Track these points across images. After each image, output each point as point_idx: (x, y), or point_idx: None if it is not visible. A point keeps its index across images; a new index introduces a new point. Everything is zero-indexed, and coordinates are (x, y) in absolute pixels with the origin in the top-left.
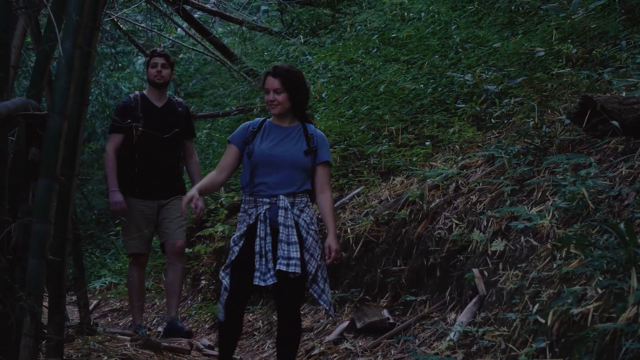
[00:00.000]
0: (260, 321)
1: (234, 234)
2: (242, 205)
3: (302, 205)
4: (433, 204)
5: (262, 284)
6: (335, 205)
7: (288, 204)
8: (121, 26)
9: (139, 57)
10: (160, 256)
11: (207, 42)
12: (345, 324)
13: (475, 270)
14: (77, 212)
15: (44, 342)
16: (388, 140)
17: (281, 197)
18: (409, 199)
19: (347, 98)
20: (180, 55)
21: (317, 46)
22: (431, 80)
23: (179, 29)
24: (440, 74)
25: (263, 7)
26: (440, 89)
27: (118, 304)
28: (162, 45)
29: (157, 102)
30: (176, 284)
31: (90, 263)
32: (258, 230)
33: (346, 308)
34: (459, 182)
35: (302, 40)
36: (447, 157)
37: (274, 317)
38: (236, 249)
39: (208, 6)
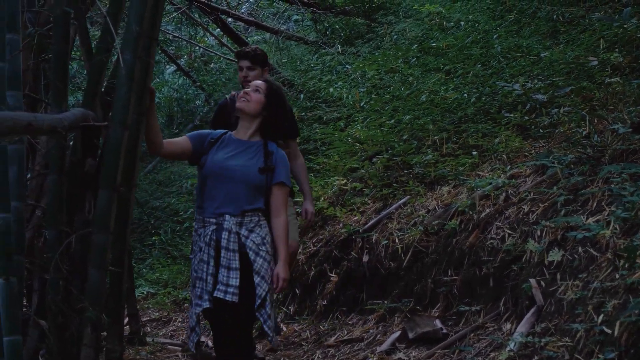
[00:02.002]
0: (307, 331)
1: (192, 258)
2: (194, 224)
3: (252, 225)
4: (484, 214)
5: (198, 310)
6: (380, 215)
7: (233, 225)
8: None
9: (169, 66)
10: None
11: None
12: (397, 334)
13: (532, 281)
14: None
15: (103, 353)
16: (432, 150)
17: (227, 217)
18: (459, 208)
19: (388, 108)
20: (212, 65)
21: (354, 56)
22: (474, 90)
23: (210, 38)
24: (483, 83)
25: (295, 17)
26: (483, 98)
27: (157, 314)
28: (249, 47)
29: None
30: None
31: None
32: (202, 253)
33: (396, 318)
34: (509, 191)
35: (339, 50)
36: (494, 167)
37: (321, 326)
38: (197, 281)
39: (241, 15)
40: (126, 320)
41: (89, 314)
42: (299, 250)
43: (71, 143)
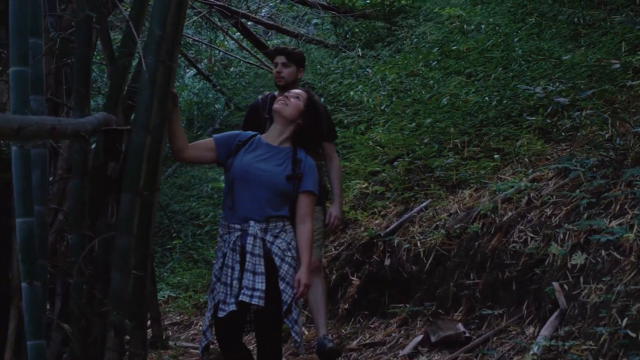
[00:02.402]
0: (329, 335)
1: (214, 264)
2: (219, 229)
3: (277, 231)
4: (506, 217)
5: (222, 314)
6: (402, 218)
7: (258, 231)
8: None
9: (189, 70)
10: None
11: (262, 55)
12: (419, 337)
13: (555, 284)
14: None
15: (126, 357)
16: (453, 153)
17: (251, 223)
18: (481, 212)
19: (409, 111)
20: (232, 69)
21: (374, 59)
22: (495, 93)
23: (229, 42)
24: (504, 87)
25: (315, 20)
26: (505, 101)
27: (178, 317)
28: (291, 44)
29: None
30: (319, 301)
31: None
32: (227, 259)
33: (418, 322)
34: (531, 195)
35: (360, 53)
36: (516, 170)
37: (343, 330)
38: (218, 285)
39: (261, 18)
40: (148, 324)
41: (112, 318)
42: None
43: (93, 147)
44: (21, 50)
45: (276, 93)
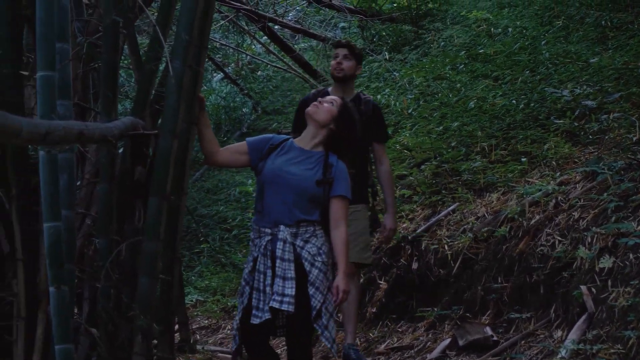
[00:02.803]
0: (357, 339)
1: (244, 268)
2: (250, 233)
3: (308, 236)
4: (533, 221)
5: (257, 321)
6: (429, 222)
7: (288, 235)
8: None
9: (217, 74)
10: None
11: (288, 59)
12: (447, 341)
13: (583, 287)
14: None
15: None
16: (480, 156)
17: (282, 227)
18: (508, 215)
19: (436, 114)
20: (259, 72)
21: (401, 63)
22: (522, 96)
23: (257, 46)
24: (532, 90)
25: (342, 24)
26: (532, 104)
27: (206, 321)
28: (339, 43)
29: None
30: (350, 307)
31: None
32: (258, 264)
33: (446, 325)
34: (559, 198)
35: (387, 57)
36: (544, 173)
37: (371, 333)
38: (247, 289)
39: (288, 22)
40: (176, 328)
41: (140, 322)
42: None
43: (121, 151)
44: (48, 55)
45: (330, 89)
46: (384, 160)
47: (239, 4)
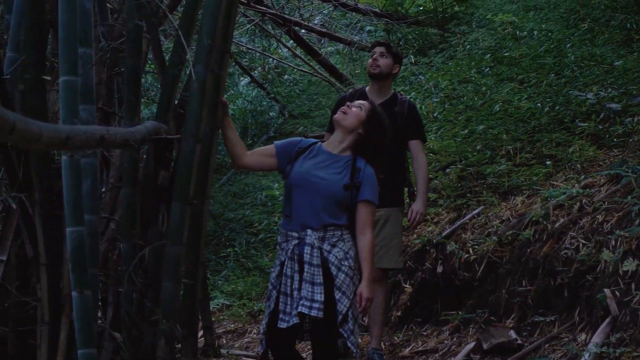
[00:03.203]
0: (382, 342)
1: (272, 272)
2: (278, 237)
3: (335, 240)
4: (558, 224)
5: (284, 325)
6: (454, 225)
7: (315, 240)
8: None
9: (243, 78)
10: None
11: (314, 62)
12: (471, 345)
13: (607, 291)
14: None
15: None
16: (505, 159)
17: (309, 231)
18: (533, 218)
19: (462, 118)
20: (285, 76)
21: (427, 66)
22: (547, 99)
23: (283, 50)
24: (557, 93)
25: (368, 28)
26: (557, 107)
27: (232, 325)
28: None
29: (375, 98)
30: (377, 311)
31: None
32: (285, 268)
33: (471, 329)
34: (583, 201)
35: (413, 60)
36: (569, 177)
37: (396, 337)
38: (274, 293)
39: (314, 26)
40: (201, 332)
41: (162, 327)
42: None
43: (144, 156)
44: (70, 60)
45: (367, 88)
46: (420, 157)
47: (264, 8)
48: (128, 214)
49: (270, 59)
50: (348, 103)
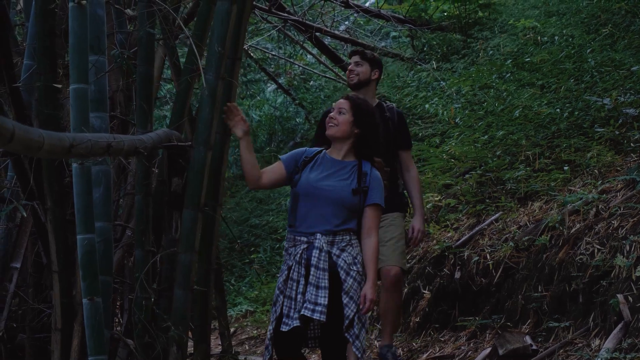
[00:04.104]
0: (400, 348)
1: (279, 277)
2: (284, 243)
3: (344, 244)
4: (574, 229)
5: (286, 328)
6: (472, 231)
7: (324, 244)
8: (251, 54)
9: (269, 84)
10: None
11: (338, 69)
12: (487, 350)
13: (620, 296)
14: (224, 242)
15: None
16: (525, 165)
17: (318, 236)
18: (549, 224)
19: (482, 123)
20: (311, 83)
21: (449, 72)
22: (567, 105)
23: (309, 56)
24: (576, 98)
25: (393, 33)
26: (576, 113)
27: (255, 331)
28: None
29: None
30: (389, 311)
31: (227, 291)
32: (292, 272)
33: (487, 335)
34: (600, 206)
35: (435, 66)
36: (586, 182)
37: (414, 343)
38: (281, 297)
39: (339, 32)
40: (218, 338)
41: (172, 333)
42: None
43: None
44: (80, 67)
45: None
46: (411, 167)
47: (285, 15)
48: (141, 221)
49: (296, 65)
50: (331, 115)
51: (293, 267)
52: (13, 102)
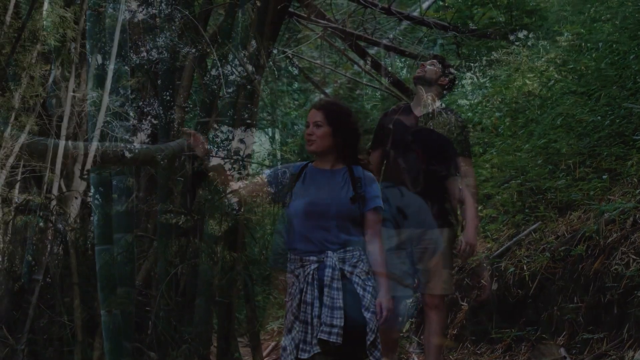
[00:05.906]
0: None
1: (287, 302)
2: (288, 265)
3: (355, 261)
4: (610, 239)
5: (305, 355)
6: (510, 241)
7: (336, 262)
8: (297, 63)
9: (316, 93)
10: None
11: (383, 79)
12: None
13: None
14: (254, 252)
15: None
16: (565, 174)
17: (329, 253)
18: (586, 234)
19: (524, 132)
20: (357, 92)
21: (493, 79)
22: (609, 112)
23: (355, 65)
24: (619, 105)
25: (440, 41)
26: (618, 120)
27: None
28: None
29: (417, 111)
30: (431, 341)
31: (269, 304)
32: (304, 294)
33: (523, 347)
34: (637, 215)
35: (478, 73)
36: (625, 191)
37: (451, 356)
38: (297, 323)
39: (384, 41)
40: (249, 351)
41: (192, 345)
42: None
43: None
44: (99, 76)
45: (412, 103)
46: (469, 174)
47: (324, 22)
48: (163, 232)
49: (342, 74)
50: (308, 132)
51: (305, 290)
52: None
